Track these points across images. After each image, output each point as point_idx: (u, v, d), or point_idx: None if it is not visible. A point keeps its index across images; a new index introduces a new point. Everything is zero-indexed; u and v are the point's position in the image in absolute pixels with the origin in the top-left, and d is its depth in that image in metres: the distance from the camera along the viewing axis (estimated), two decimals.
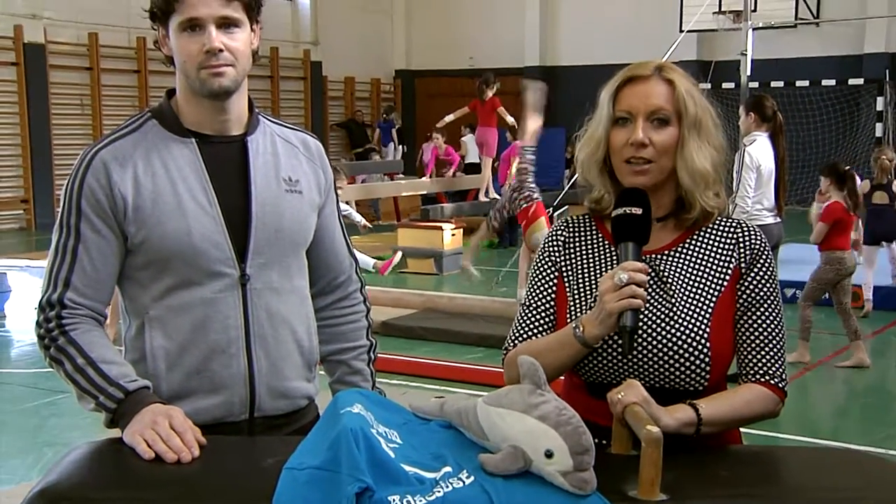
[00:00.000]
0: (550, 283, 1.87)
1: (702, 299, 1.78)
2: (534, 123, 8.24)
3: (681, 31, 12.62)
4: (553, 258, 1.89)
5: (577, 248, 1.88)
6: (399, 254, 9.77)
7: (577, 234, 1.89)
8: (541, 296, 1.88)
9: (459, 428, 1.56)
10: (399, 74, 20.87)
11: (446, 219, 11.33)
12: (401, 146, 17.98)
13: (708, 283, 1.80)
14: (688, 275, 1.81)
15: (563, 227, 1.91)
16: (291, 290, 1.96)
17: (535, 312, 1.87)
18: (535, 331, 1.86)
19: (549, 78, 19.11)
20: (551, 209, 9.77)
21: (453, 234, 10.71)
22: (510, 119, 11.50)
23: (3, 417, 5.56)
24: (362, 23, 19.54)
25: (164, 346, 1.86)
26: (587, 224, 1.91)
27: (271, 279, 1.91)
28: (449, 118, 12.40)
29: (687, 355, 1.75)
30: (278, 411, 1.96)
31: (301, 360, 1.98)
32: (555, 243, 1.90)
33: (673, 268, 1.81)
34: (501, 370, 1.87)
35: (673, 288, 1.79)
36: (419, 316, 7.74)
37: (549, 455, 1.40)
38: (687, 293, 1.79)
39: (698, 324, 1.76)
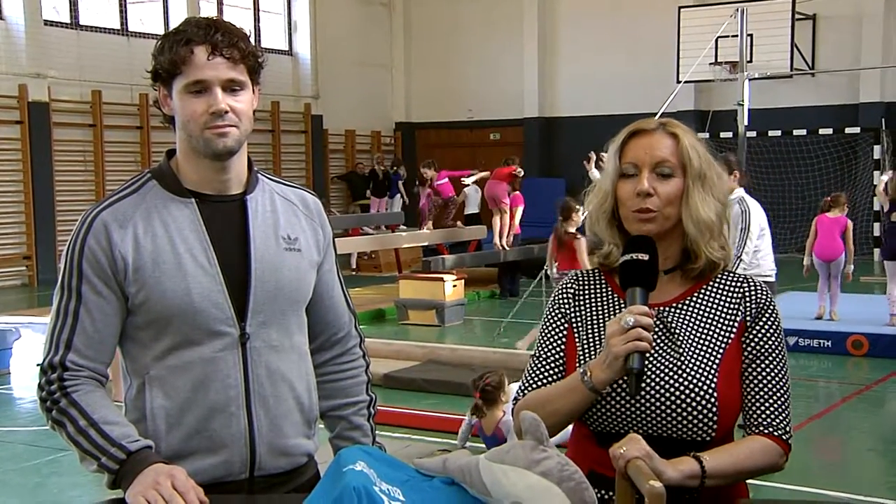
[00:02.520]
0: (560, 334, 1.90)
1: (709, 351, 1.80)
2: None
3: (678, 81, 12.75)
4: (563, 309, 1.92)
5: (587, 300, 1.91)
6: None
7: (586, 287, 1.92)
8: (551, 346, 1.90)
9: (462, 485, 1.56)
10: (399, 127, 21.04)
11: (447, 270, 11.35)
12: (403, 198, 18.03)
13: (715, 335, 1.82)
14: (695, 327, 1.83)
15: (572, 280, 1.95)
16: (291, 347, 1.96)
17: (545, 362, 1.90)
18: (546, 380, 1.88)
19: (548, 129, 19.34)
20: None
21: (454, 286, 10.72)
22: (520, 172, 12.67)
23: (4, 476, 5.52)
24: (362, 76, 19.75)
25: (164, 406, 1.86)
26: (596, 277, 1.94)
27: (271, 337, 1.92)
28: (471, 180, 13.58)
29: (694, 405, 1.76)
30: (278, 469, 1.95)
31: (301, 417, 1.98)
32: (565, 295, 1.93)
33: (681, 320, 1.84)
34: None
35: (680, 339, 1.81)
36: (421, 368, 7.71)
37: None
38: (694, 345, 1.81)
39: (706, 375, 1.77)
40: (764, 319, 1.83)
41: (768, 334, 1.83)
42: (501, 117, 18.76)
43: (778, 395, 1.80)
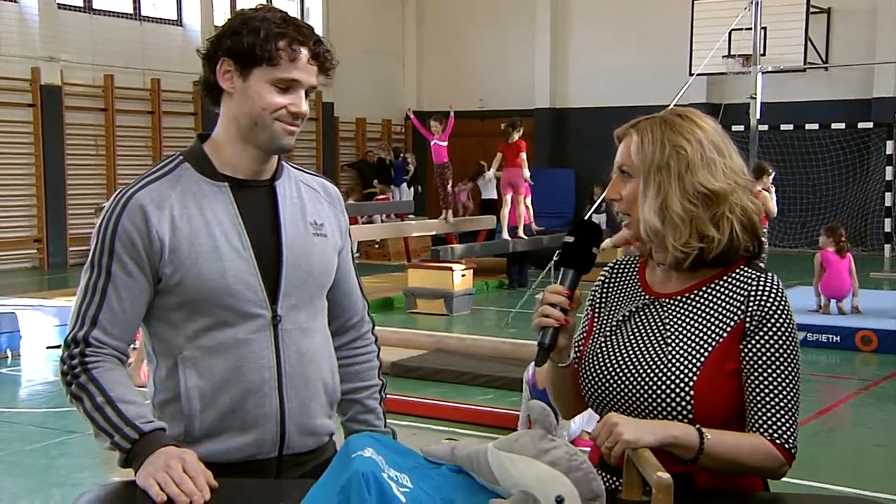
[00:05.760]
0: (584, 318, 1.96)
1: (696, 347, 1.78)
2: None
3: (690, 74, 12.69)
4: (593, 294, 1.98)
5: (615, 286, 1.95)
6: None
7: (618, 276, 1.96)
8: None
9: (470, 472, 1.57)
10: None
11: (456, 259, 11.35)
12: (411, 188, 18.03)
13: (706, 332, 1.79)
14: (688, 322, 1.81)
15: (611, 267, 2.00)
16: (317, 330, 2.02)
17: None
18: None
19: (558, 120, 19.29)
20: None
21: (463, 275, 10.72)
22: (525, 172, 12.30)
23: (13, 457, 5.56)
24: (373, 65, 19.71)
25: (198, 386, 1.90)
26: (632, 267, 1.96)
27: (300, 320, 1.97)
28: (490, 173, 13.65)
29: (669, 400, 1.75)
30: (305, 448, 2.00)
31: (325, 398, 2.03)
32: (600, 281, 1.99)
33: (676, 313, 1.83)
34: (512, 411, 1.92)
35: (669, 332, 1.81)
36: (429, 357, 7.72)
37: (559, 501, 1.40)
38: (683, 339, 1.80)
39: (686, 370, 1.76)
40: (769, 326, 1.76)
41: (772, 341, 1.76)
42: (512, 107, 18.70)
43: (784, 403, 1.74)
